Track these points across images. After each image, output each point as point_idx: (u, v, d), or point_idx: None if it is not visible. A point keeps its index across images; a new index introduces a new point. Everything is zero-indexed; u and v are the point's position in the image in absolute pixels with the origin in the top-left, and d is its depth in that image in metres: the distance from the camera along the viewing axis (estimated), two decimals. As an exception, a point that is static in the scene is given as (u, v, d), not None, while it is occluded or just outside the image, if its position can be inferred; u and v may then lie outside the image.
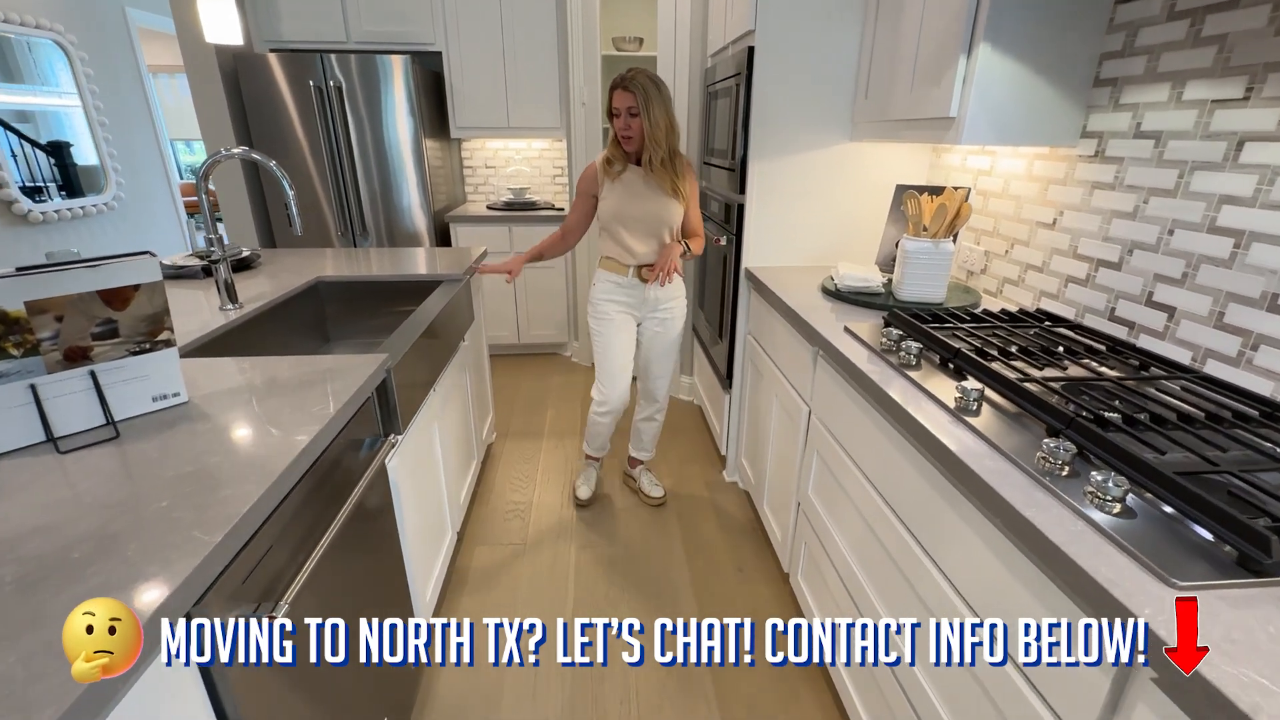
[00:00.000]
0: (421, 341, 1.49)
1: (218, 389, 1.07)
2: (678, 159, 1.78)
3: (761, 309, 1.93)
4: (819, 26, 1.81)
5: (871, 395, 1.15)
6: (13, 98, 3.62)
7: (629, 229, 1.83)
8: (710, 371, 2.63)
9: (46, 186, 3.88)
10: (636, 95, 1.65)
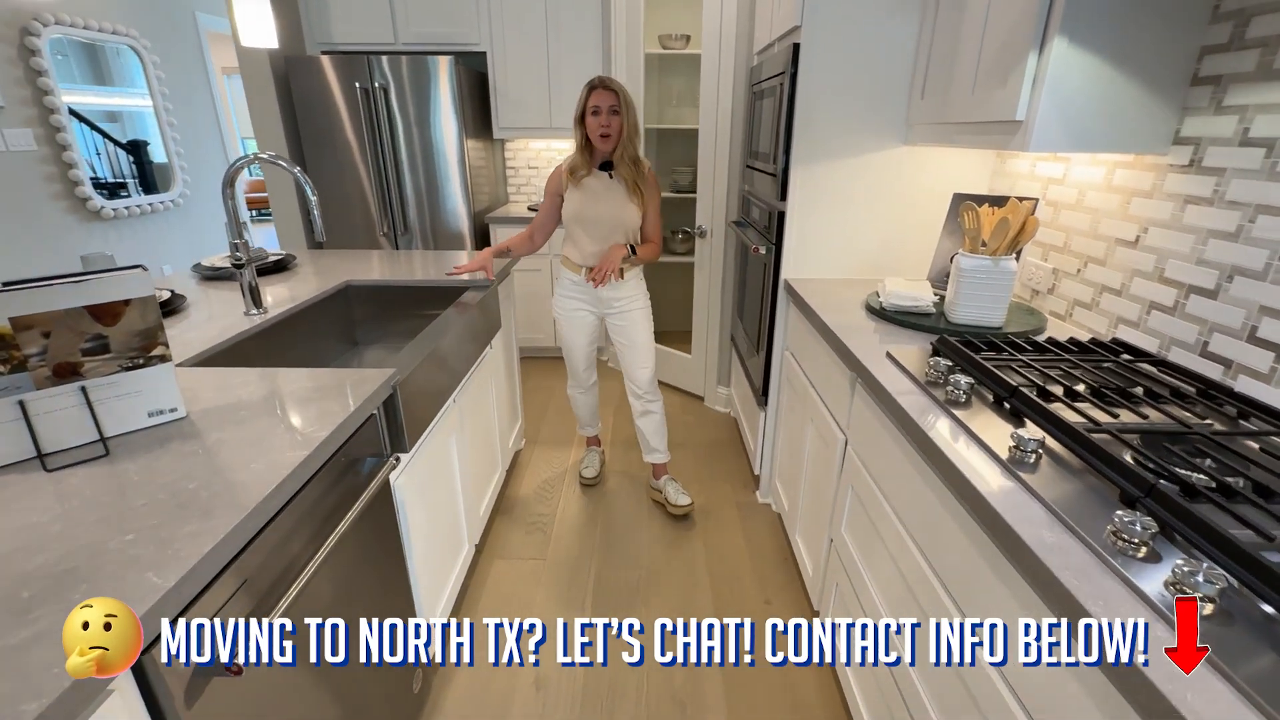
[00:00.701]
0: (439, 352, 1.45)
1: (217, 403, 1.05)
2: (640, 164, 1.88)
3: (800, 324, 1.81)
4: (872, 21, 1.66)
5: (911, 434, 1.03)
6: (103, 99, 3.86)
7: (587, 231, 1.92)
8: (747, 384, 2.51)
9: (127, 183, 4.13)
10: (618, 95, 1.76)
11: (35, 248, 3.41)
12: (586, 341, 2.14)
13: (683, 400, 3.09)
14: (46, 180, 3.46)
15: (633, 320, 2.05)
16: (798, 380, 1.83)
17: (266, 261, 1.99)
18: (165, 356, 0.93)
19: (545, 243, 2.07)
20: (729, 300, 2.80)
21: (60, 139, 3.49)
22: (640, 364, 2.10)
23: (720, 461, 2.54)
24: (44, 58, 3.37)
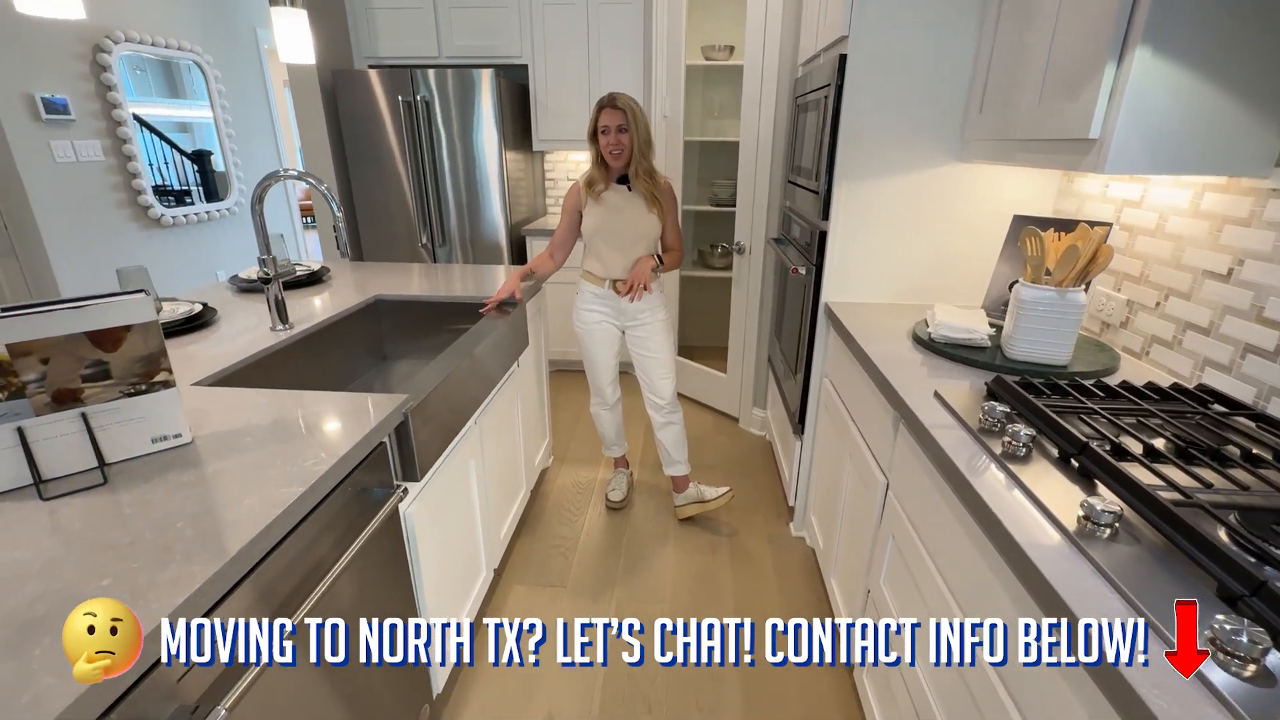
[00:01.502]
0: (459, 373, 1.40)
1: (224, 427, 1.02)
2: (655, 175, 1.89)
3: (840, 351, 1.70)
4: (926, 30, 1.55)
5: (960, 491, 0.92)
6: (174, 111, 4.07)
7: (609, 244, 1.92)
8: (783, 408, 2.40)
9: (191, 190, 4.33)
10: (626, 114, 1.77)
11: (98, 252, 3.57)
12: (610, 354, 2.10)
13: (716, 420, 2.99)
14: (112, 189, 3.63)
15: (654, 331, 2.04)
16: (836, 410, 1.72)
17: (300, 275, 2.00)
18: (169, 382, 0.91)
19: (565, 260, 2.04)
20: (767, 320, 2.69)
21: (126, 150, 3.66)
22: (662, 375, 2.08)
23: (753, 487, 2.43)
24: (114, 73, 3.53)
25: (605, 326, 2.04)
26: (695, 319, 3.51)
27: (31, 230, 3.26)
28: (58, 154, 3.31)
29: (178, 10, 3.98)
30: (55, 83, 3.28)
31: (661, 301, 2.06)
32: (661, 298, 2.06)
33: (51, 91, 3.25)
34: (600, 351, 2.08)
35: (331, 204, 1.43)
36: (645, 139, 1.81)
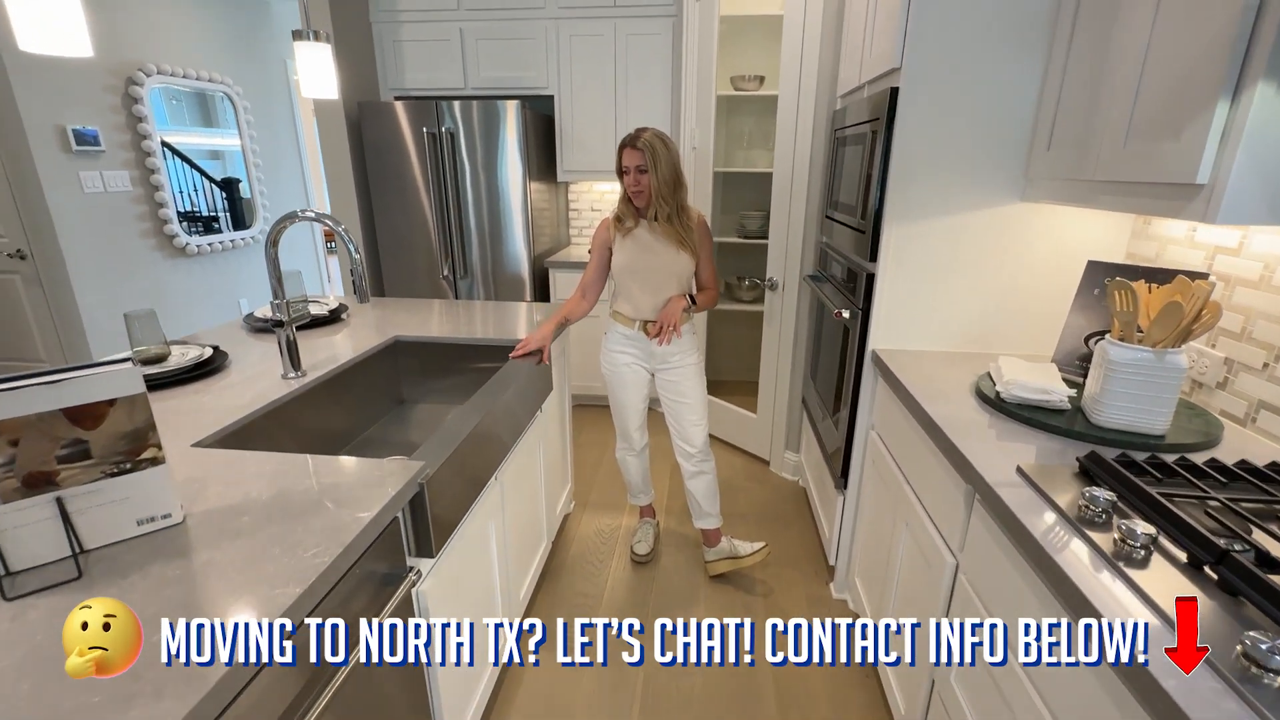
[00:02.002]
0: (480, 431, 1.29)
1: (222, 501, 0.91)
2: (685, 213, 1.80)
3: (891, 405, 1.56)
4: (984, 62, 1.44)
5: (1065, 598, 0.77)
6: (206, 140, 4.14)
7: (639, 282, 1.83)
8: (819, 453, 2.25)
9: (220, 217, 4.36)
10: (644, 154, 1.69)
11: (123, 281, 3.56)
12: (640, 398, 1.99)
13: (745, 464, 2.85)
14: (138, 219, 3.64)
15: (686, 375, 1.92)
16: (887, 469, 1.57)
17: (317, 315, 1.92)
18: (157, 459, 0.81)
19: (597, 299, 1.94)
20: (801, 359, 2.56)
21: (154, 180, 3.67)
22: (694, 422, 1.96)
23: (788, 540, 2.28)
24: (145, 104, 3.57)
25: (635, 369, 1.94)
26: (722, 353, 3.38)
27: (57, 259, 3.26)
28: (86, 184, 3.33)
29: (210, 43, 4.03)
30: (87, 115, 3.30)
31: (695, 344, 1.95)
32: (695, 339, 1.95)
33: (83, 123, 3.28)
34: (629, 395, 1.97)
35: (349, 246, 1.34)
36: (669, 178, 1.72)
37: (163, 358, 1.48)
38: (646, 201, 1.76)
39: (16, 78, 2.97)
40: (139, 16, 3.55)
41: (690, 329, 1.93)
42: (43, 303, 3.40)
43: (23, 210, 3.21)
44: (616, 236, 1.83)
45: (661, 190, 1.72)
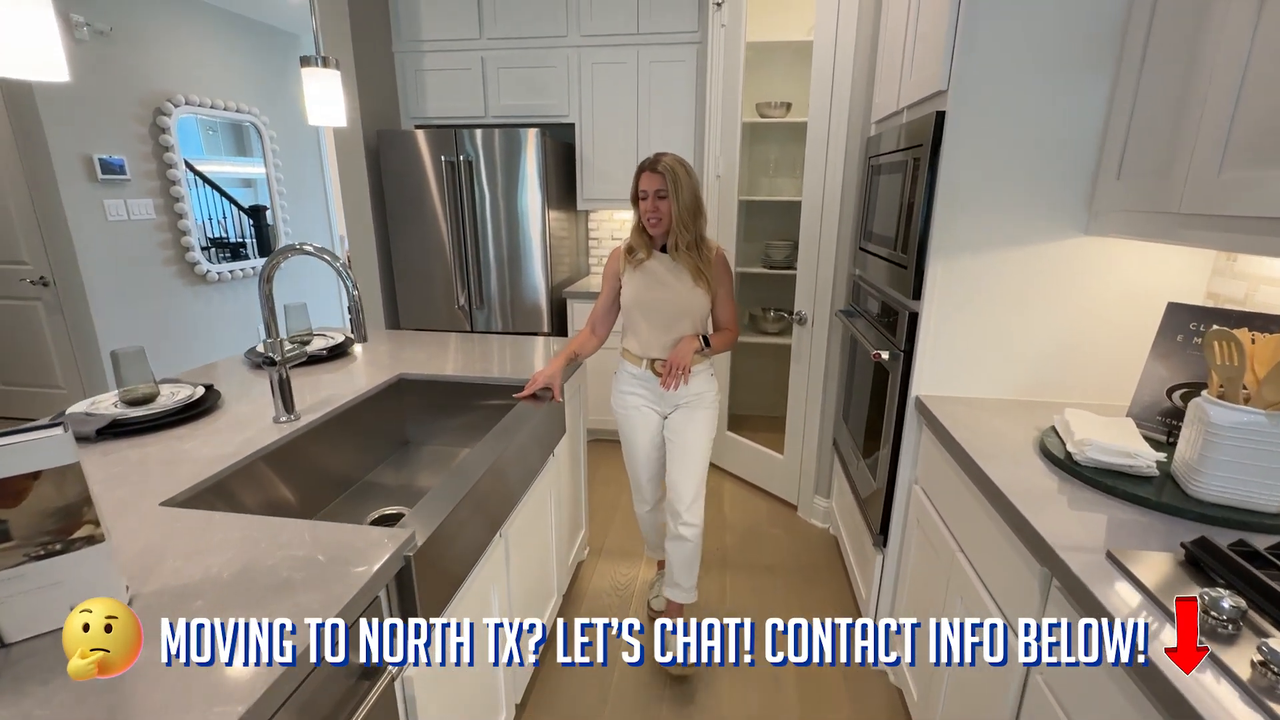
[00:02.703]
0: (482, 486, 1.17)
1: (176, 580, 0.80)
2: (704, 244, 1.68)
3: (938, 459, 1.40)
4: (1042, 83, 1.31)
5: (1201, 744, 0.61)
6: (237, 168, 4.23)
7: (647, 318, 1.70)
8: (851, 497, 2.08)
9: (247, 243, 4.40)
10: (665, 178, 1.58)
11: (143, 309, 3.56)
12: (650, 444, 1.82)
13: (771, 508, 2.67)
14: (160, 246, 3.65)
15: (694, 423, 1.75)
16: (935, 531, 1.40)
17: (320, 351, 1.83)
18: (94, 537, 0.69)
19: (609, 334, 1.81)
20: (832, 399, 2.40)
21: (177, 208, 3.69)
22: (688, 471, 1.74)
23: (819, 597, 2.09)
24: (171, 134, 3.60)
25: (645, 412, 1.78)
26: (746, 387, 3.23)
27: (77, 287, 3.26)
28: (110, 212, 3.34)
29: (238, 74, 4.09)
30: (114, 144, 3.33)
31: (712, 386, 1.78)
32: (712, 383, 1.78)
33: (109, 153, 3.30)
34: (639, 439, 1.81)
35: (346, 282, 1.24)
36: (690, 206, 1.60)
37: (151, 398, 1.39)
38: (664, 229, 1.63)
39: (46, 109, 3.00)
40: (169, 48, 3.60)
41: (709, 372, 1.77)
42: (63, 330, 3.40)
43: (47, 238, 3.22)
44: (626, 268, 1.71)
45: (682, 217, 1.60)
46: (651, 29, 2.91)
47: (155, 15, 3.50)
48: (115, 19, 3.27)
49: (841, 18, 2.09)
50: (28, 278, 3.32)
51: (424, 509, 1.02)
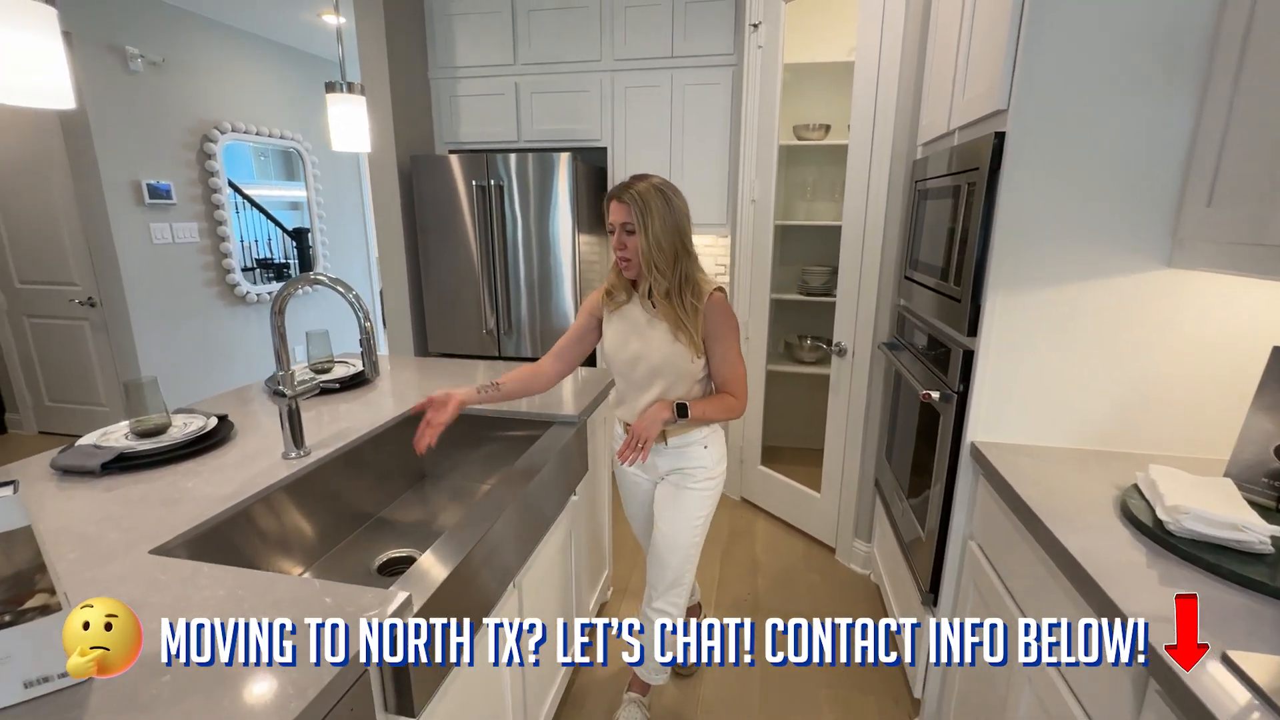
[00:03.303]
0: (491, 538, 1.08)
1: (147, 648, 0.72)
2: (689, 290, 1.35)
3: (999, 515, 1.25)
4: (1115, 100, 1.18)
5: None
6: (284, 191, 4.38)
7: (624, 375, 1.45)
8: (894, 541, 1.92)
9: (291, 265, 4.52)
10: (632, 208, 1.30)
11: (183, 329, 3.64)
12: (642, 514, 1.61)
13: (807, 549, 2.52)
14: (202, 268, 3.73)
15: (680, 501, 1.46)
16: (994, 595, 1.25)
17: (340, 379, 1.79)
18: (49, 606, 0.62)
19: (563, 374, 1.52)
20: (874, 436, 2.25)
21: (220, 231, 3.78)
22: (663, 559, 1.48)
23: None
24: (217, 160, 3.70)
25: (636, 479, 1.56)
26: (780, 417, 3.09)
27: (122, 307, 3.34)
28: (156, 236, 3.44)
29: (282, 101, 4.21)
30: (162, 170, 3.44)
31: (707, 460, 1.46)
32: (710, 454, 1.47)
33: (157, 178, 3.41)
34: (630, 506, 1.64)
35: (358, 314, 1.19)
36: (666, 243, 1.30)
37: (163, 429, 1.35)
38: (636, 272, 1.36)
39: (99, 137, 3.11)
40: (217, 78, 3.73)
41: (703, 443, 1.45)
42: (107, 349, 3.49)
43: (95, 260, 3.32)
44: (606, 311, 1.47)
45: (653, 258, 1.30)
46: (686, 52, 2.86)
47: (205, 46, 3.63)
48: (167, 50, 3.40)
49: (885, 37, 1.99)
50: (76, 298, 3.43)
51: (428, 563, 0.94)
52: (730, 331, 1.39)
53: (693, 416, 1.36)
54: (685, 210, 1.36)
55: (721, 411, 1.40)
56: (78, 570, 0.88)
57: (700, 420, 1.40)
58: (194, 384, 3.67)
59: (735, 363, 1.40)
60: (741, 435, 2.85)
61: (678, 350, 1.36)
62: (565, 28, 2.96)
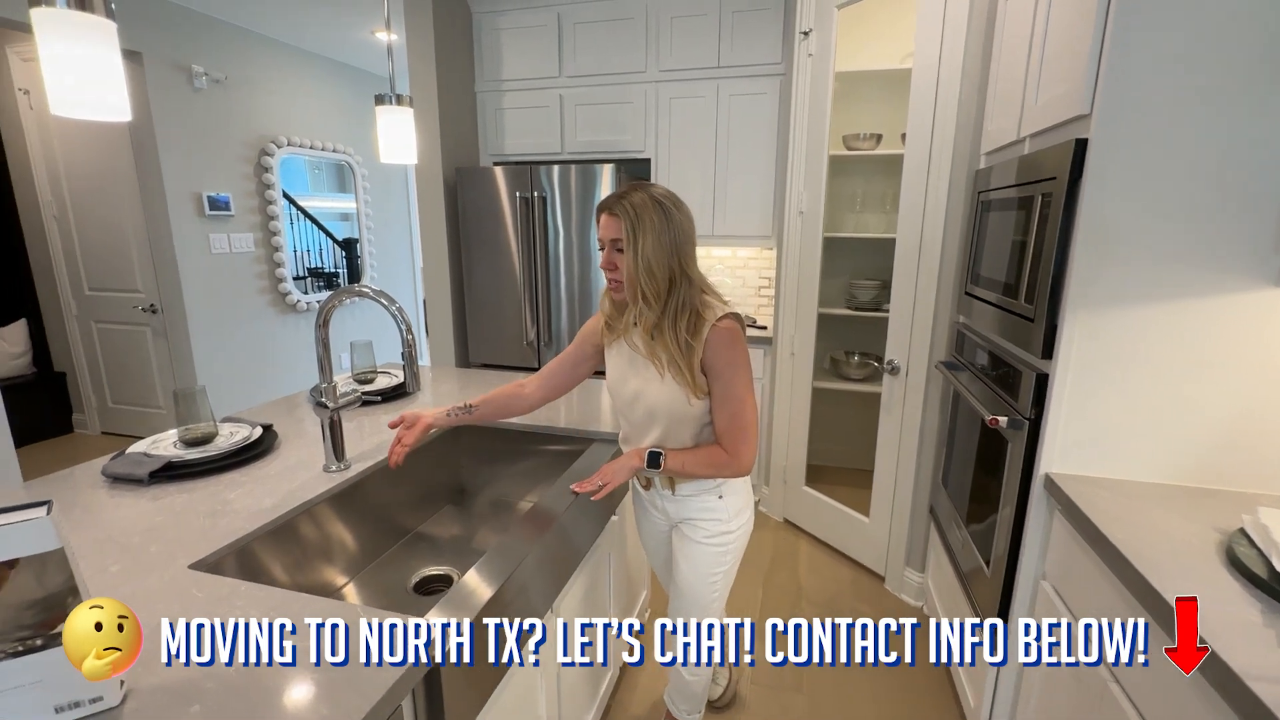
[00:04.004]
0: (525, 567, 1.03)
1: (179, 673, 0.70)
2: (684, 321, 1.13)
3: (1079, 555, 1.14)
4: (1216, 105, 1.08)
5: None
6: (338, 203, 4.52)
7: (625, 414, 1.29)
8: (950, 572, 1.81)
9: (340, 274, 4.65)
10: (623, 221, 1.10)
11: (236, 336, 3.75)
12: (659, 555, 1.48)
13: (855, 577, 2.40)
14: (256, 277, 3.85)
15: (691, 554, 1.31)
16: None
17: (385, 389, 1.78)
18: (81, 631, 0.60)
19: (548, 398, 1.39)
20: (929, 460, 2.13)
21: (274, 241, 3.90)
22: (688, 605, 1.35)
23: (911, 690, 1.81)
24: (274, 173, 3.83)
25: (652, 519, 1.41)
26: (825, 435, 2.98)
27: (180, 314, 3.47)
28: (214, 246, 3.56)
29: (336, 116, 4.34)
30: (222, 182, 3.57)
31: (721, 514, 1.27)
32: (725, 507, 1.27)
33: (217, 190, 3.54)
34: (650, 548, 1.51)
35: (400, 327, 1.17)
36: (660, 267, 1.11)
37: (210, 438, 1.36)
38: (626, 295, 1.18)
39: (165, 151, 3.25)
40: (275, 94, 3.86)
41: (716, 493, 1.26)
42: (166, 354, 3.62)
43: (158, 268, 3.46)
44: (606, 340, 1.30)
45: (641, 283, 1.11)
46: (733, 62, 2.81)
47: (264, 63, 3.77)
48: (230, 68, 3.54)
49: (946, 41, 1.90)
50: (139, 305, 3.58)
51: (466, 588, 0.90)
52: (732, 368, 1.14)
53: (667, 468, 1.18)
54: (688, 228, 1.16)
55: (705, 467, 1.18)
56: (118, 583, 0.87)
57: (677, 474, 1.21)
58: (246, 388, 3.78)
59: (738, 409, 1.15)
60: (785, 454, 2.76)
61: (673, 391, 1.17)
62: (611, 40, 2.95)
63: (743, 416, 1.16)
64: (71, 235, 3.64)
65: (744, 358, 1.16)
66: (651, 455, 1.18)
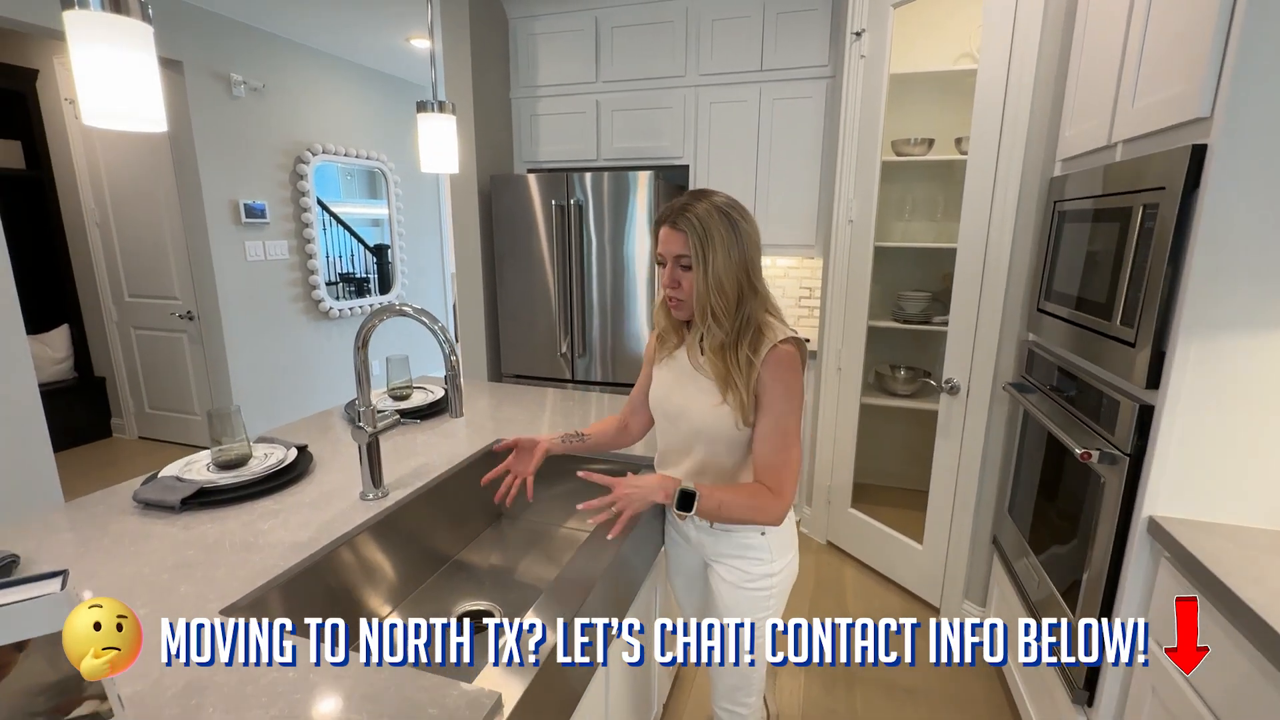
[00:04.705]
0: (586, 610, 0.94)
1: (175, 676, 0.62)
2: (747, 339, 1.03)
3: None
4: (1363, 104, 0.95)
5: None
6: (369, 210, 4.53)
7: (665, 432, 1.20)
8: (1019, 607, 1.67)
9: (370, 279, 4.66)
10: (689, 237, 1.00)
11: (270, 342, 3.76)
12: (686, 588, 1.36)
13: (905, 607, 2.26)
14: (290, 284, 3.86)
15: (726, 599, 1.18)
16: (1189, 711, 1.01)
17: (422, 406, 1.72)
18: (99, 715, 0.53)
19: (646, 428, 1.34)
20: (992, 486, 2.00)
21: (308, 249, 3.91)
22: (726, 680, 1.25)
23: (977, 740, 1.68)
24: (308, 181, 3.83)
25: (682, 548, 1.30)
26: (871, 453, 2.85)
27: (216, 321, 3.48)
28: (250, 253, 3.57)
29: (369, 124, 4.34)
30: (258, 190, 3.58)
31: (765, 557, 1.14)
32: (776, 545, 1.14)
33: (253, 198, 3.54)
34: (677, 581, 1.38)
35: (443, 347, 1.09)
36: (730, 284, 1.01)
37: (244, 460, 1.30)
38: (688, 314, 1.09)
39: (203, 159, 3.26)
40: (311, 102, 3.87)
41: (759, 529, 1.12)
42: (201, 361, 3.64)
43: (195, 275, 3.48)
44: (659, 355, 1.22)
45: (711, 302, 1.02)
46: (777, 65, 2.71)
47: (301, 71, 3.78)
48: (267, 76, 3.55)
49: (1017, 41, 1.77)
50: (177, 311, 3.60)
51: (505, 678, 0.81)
52: (783, 399, 1.03)
53: (701, 510, 1.02)
54: (755, 237, 1.06)
55: (745, 510, 1.04)
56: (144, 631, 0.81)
57: (712, 517, 1.05)
58: (279, 394, 3.78)
59: (782, 444, 1.03)
60: (830, 474, 2.63)
61: (721, 415, 1.06)
62: (649, 44, 2.87)
63: (786, 453, 1.04)
64: (113, 242, 3.68)
65: (799, 387, 1.06)
66: (683, 496, 1.02)
